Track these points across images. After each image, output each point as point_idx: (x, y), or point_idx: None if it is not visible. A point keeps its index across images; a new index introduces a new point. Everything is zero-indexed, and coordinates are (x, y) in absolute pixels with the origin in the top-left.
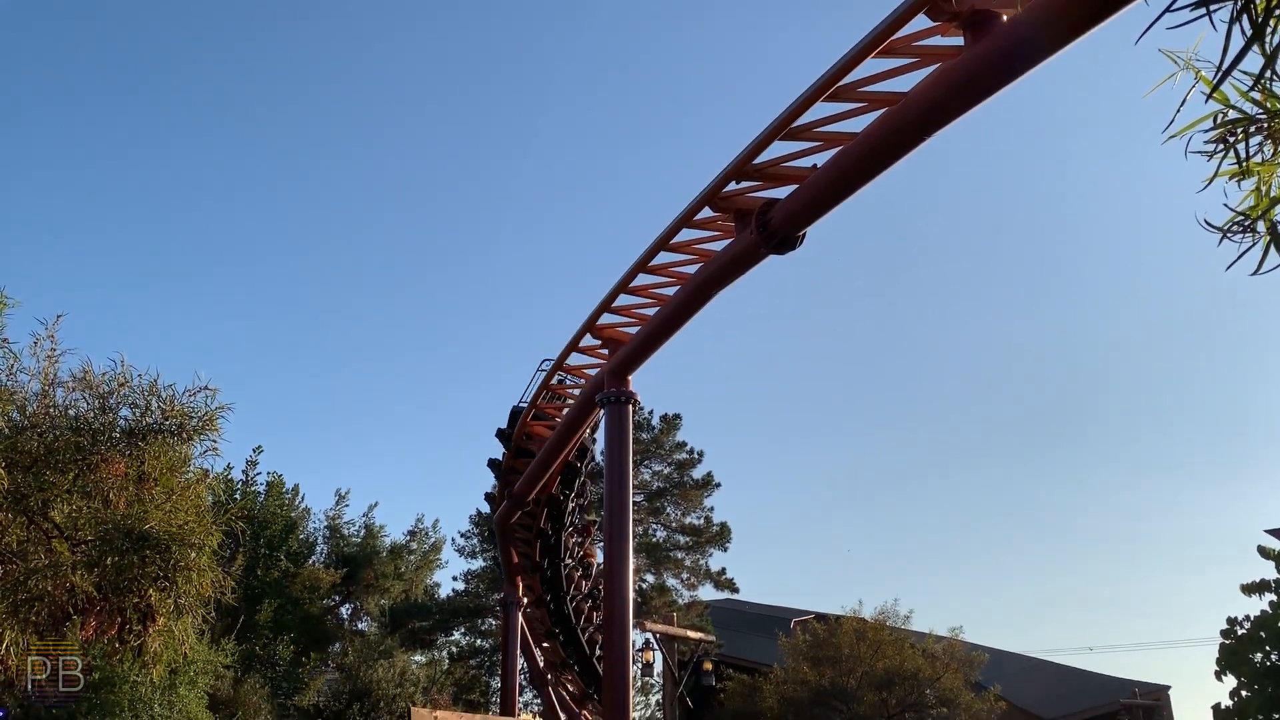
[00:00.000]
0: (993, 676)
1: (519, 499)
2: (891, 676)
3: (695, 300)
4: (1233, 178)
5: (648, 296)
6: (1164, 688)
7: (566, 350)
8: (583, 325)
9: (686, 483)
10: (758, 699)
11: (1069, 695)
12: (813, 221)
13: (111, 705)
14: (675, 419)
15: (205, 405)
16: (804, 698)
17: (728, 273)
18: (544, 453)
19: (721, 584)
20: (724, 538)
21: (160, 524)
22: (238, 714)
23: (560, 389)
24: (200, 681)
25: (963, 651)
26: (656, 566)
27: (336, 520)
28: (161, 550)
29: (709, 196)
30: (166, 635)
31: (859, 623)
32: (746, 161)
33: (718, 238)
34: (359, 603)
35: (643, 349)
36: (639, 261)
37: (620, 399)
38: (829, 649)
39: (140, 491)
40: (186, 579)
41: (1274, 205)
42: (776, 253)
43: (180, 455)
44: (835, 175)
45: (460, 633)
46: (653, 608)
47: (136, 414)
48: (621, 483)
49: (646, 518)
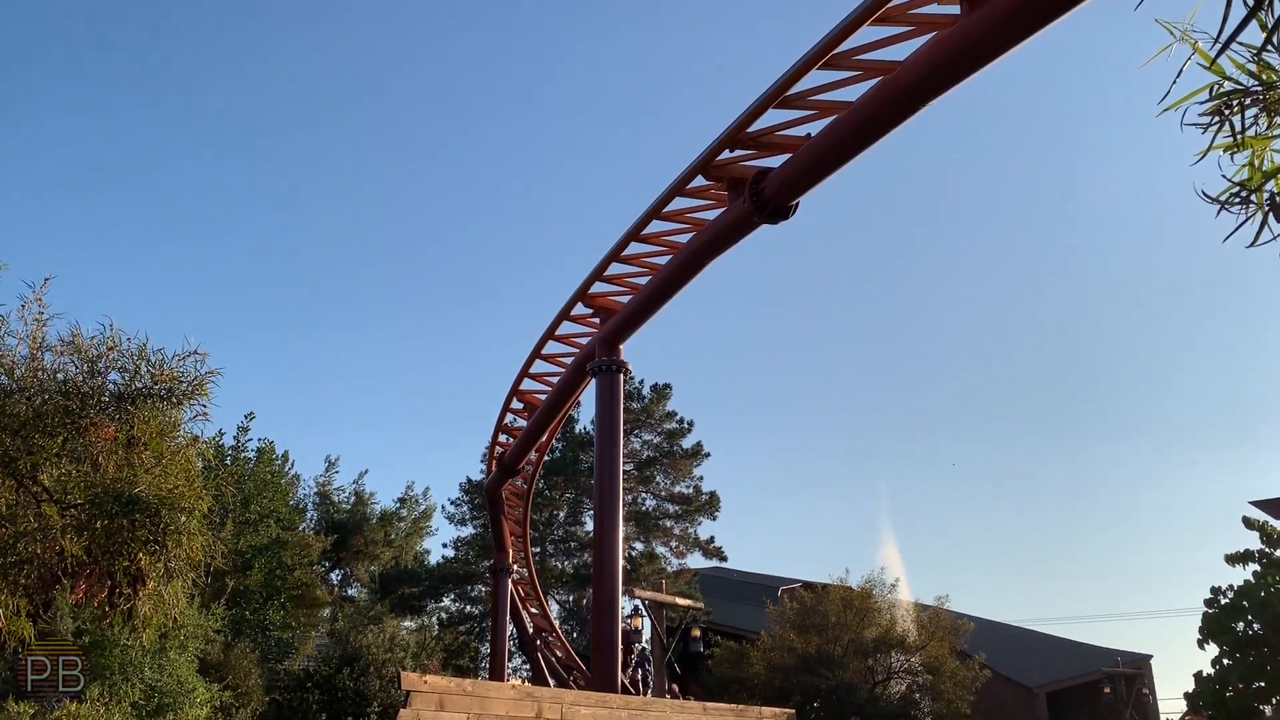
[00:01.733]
0: (978, 645)
1: (509, 467)
2: (877, 644)
3: (687, 269)
4: (1227, 150)
5: (640, 265)
6: (1146, 657)
7: (558, 318)
8: (574, 293)
9: (676, 452)
10: (745, 665)
11: (1053, 664)
12: (806, 191)
13: (102, 668)
14: (665, 389)
15: (195, 370)
16: (790, 664)
17: (720, 242)
18: (534, 421)
19: (710, 552)
20: (713, 507)
21: (150, 488)
22: (228, 678)
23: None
24: (190, 645)
25: (948, 620)
26: (645, 535)
27: (326, 487)
28: (151, 514)
29: (702, 165)
30: (156, 599)
31: (846, 591)
32: (740, 129)
33: (710, 206)
34: (349, 569)
35: (634, 318)
36: (631, 230)
37: (611, 368)
38: (816, 617)
39: (130, 456)
40: (177, 543)
41: (1268, 179)
42: (769, 222)
43: (170, 420)
44: (829, 144)
45: (450, 599)
46: (642, 575)
47: (126, 378)
48: (612, 451)
49: (636, 486)
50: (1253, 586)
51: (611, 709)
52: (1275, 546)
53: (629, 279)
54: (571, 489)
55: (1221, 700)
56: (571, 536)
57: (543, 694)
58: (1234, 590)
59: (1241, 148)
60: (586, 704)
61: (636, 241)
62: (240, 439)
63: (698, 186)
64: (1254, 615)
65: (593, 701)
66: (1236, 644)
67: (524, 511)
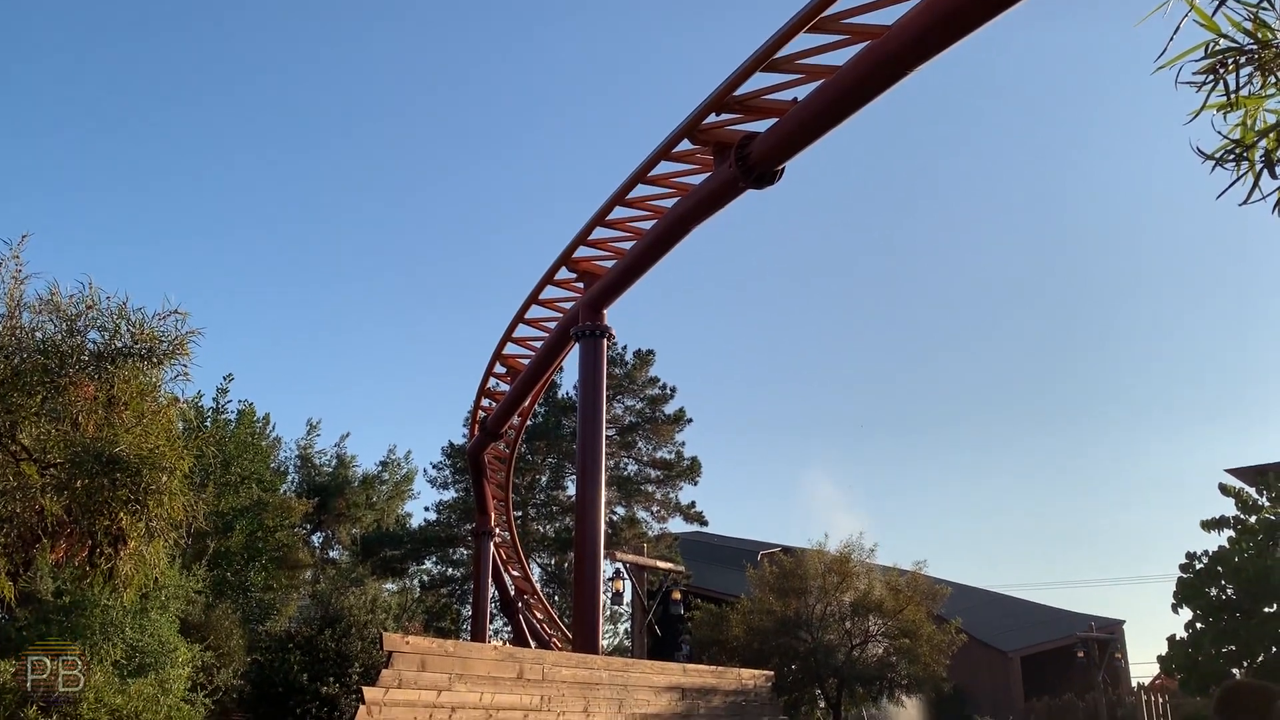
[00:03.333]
0: (955, 610)
1: (492, 431)
2: (855, 608)
3: (672, 234)
4: (1220, 110)
5: (625, 230)
6: (1119, 622)
7: (541, 283)
8: (558, 258)
9: (658, 418)
10: (724, 628)
11: (1028, 628)
12: (792, 156)
13: (82, 628)
14: (649, 354)
15: (176, 329)
16: (769, 627)
17: (705, 207)
18: (517, 386)
19: (691, 517)
20: (694, 472)
21: (131, 448)
22: (209, 638)
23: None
24: (172, 606)
25: (926, 585)
26: (627, 499)
27: (308, 450)
28: (132, 474)
29: (688, 128)
30: (138, 559)
31: (825, 555)
32: (727, 93)
33: (696, 171)
34: (331, 531)
35: (619, 283)
36: (616, 194)
37: (595, 332)
38: (795, 581)
39: (110, 415)
40: (158, 503)
41: (1261, 139)
42: (755, 187)
43: (150, 380)
44: (816, 109)
45: (432, 562)
46: (623, 539)
47: (105, 337)
48: (595, 416)
49: (618, 451)
50: (1227, 552)
51: (592, 669)
52: (1250, 513)
53: (613, 244)
54: (554, 454)
55: (1194, 663)
56: (553, 501)
57: (524, 655)
58: (1209, 556)
59: (1235, 107)
60: (568, 665)
61: (621, 206)
62: (220, 400)
63: (683, 151)
64: (1228, 580)
65: (574, 662)
66: (1210, 608)
67: (506, 475)
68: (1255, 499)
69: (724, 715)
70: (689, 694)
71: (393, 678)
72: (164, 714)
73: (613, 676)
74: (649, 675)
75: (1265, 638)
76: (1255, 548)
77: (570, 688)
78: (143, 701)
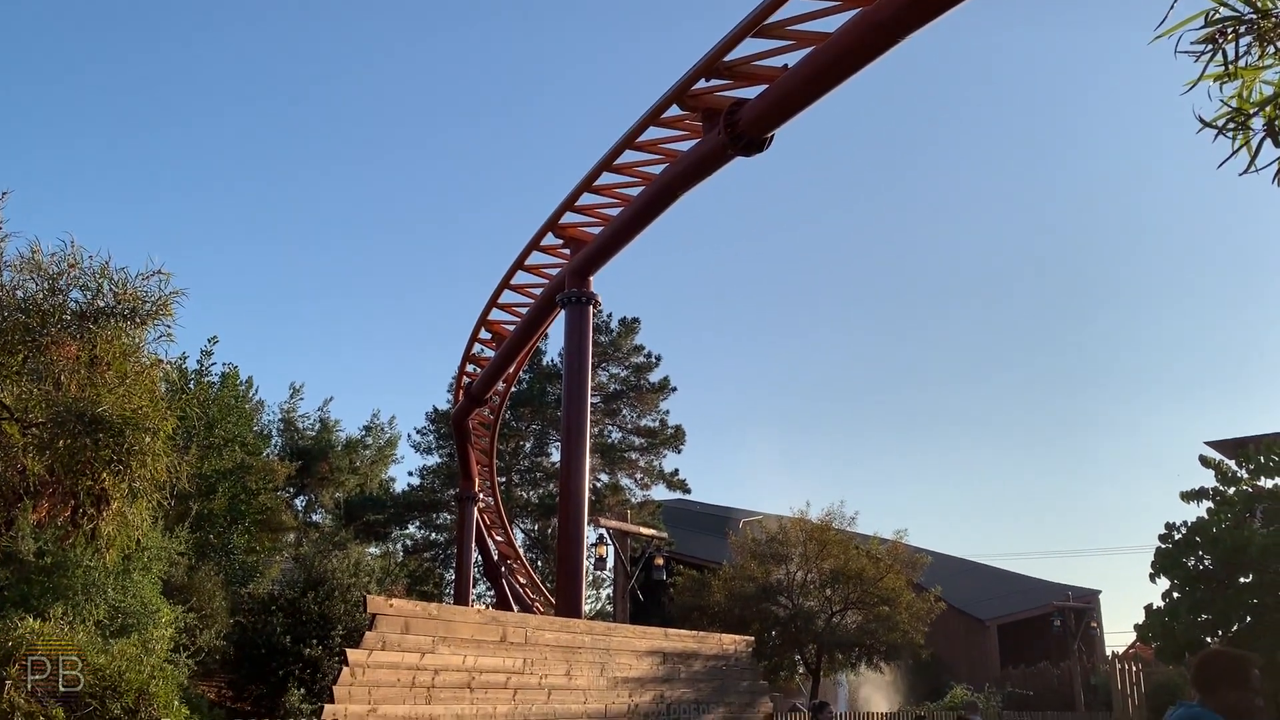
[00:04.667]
0: (934, 578)
1: (477, 397)
2: (836, 575)
3: (659, 201)
4: (1217, 80)
5: (612, 196)
6: (1095, 592)
7: (528, 248)
8: (545, 223)
9: (643, 386)
10: (706, 594)
11: (1006, 597)
12: (781, 123)
13: (64, 589)
14: (634, 323)
15: (159, 290)
16: (751, 593)
17: (693, 174)
18: (502, 352)
19: (674, 485)
20: (678, 440)
21: (113, 408)
22: (192, 600)
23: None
24: (154, 568)
25: (906, 553)
26: (611, 467)
27: (291, 414)
28: (115, 434)
29: (677, 94)
30: (121, 520)
31: (806, 524)
32: (717, 59)
33: (685, 138)
34: (314, 495)
35: (605, 249)
36: (604, 160)
37: (581, 299)
38: (776, 548)
39: (92, 375)
40: (141, 463)
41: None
42: (744, 155)
43: (133, 340)
44: (806, 76)
45: (415, 526)
46: (606, 506)
47: (87, 297)
48: (580, 383)
49: (602, 419)
50: (1206, 523)
51: (575, 633)
52: (1229, 485)
53: (600, 210)
54: (538, 420)
55: (1170, 632)
56: (537, 467)
57: (507, 618)
58: (1187, 527)
59: (1232, 77)
60: (550, 628)
61: (609, 172)
62: (204, 363)
63: (672, 116)
64: (1205, 550)
65: (557, 626)
66: (1187, 578)
67: (490, 441)
68: (1234, 471)
69: (705, 679)
70: (670, 658)
71: (376, 640)
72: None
73: (595, 640)
74: (631, 639)
75: (1240, 607)
76: (1233, 519)
77: (553, 651)
78: (126, 661)
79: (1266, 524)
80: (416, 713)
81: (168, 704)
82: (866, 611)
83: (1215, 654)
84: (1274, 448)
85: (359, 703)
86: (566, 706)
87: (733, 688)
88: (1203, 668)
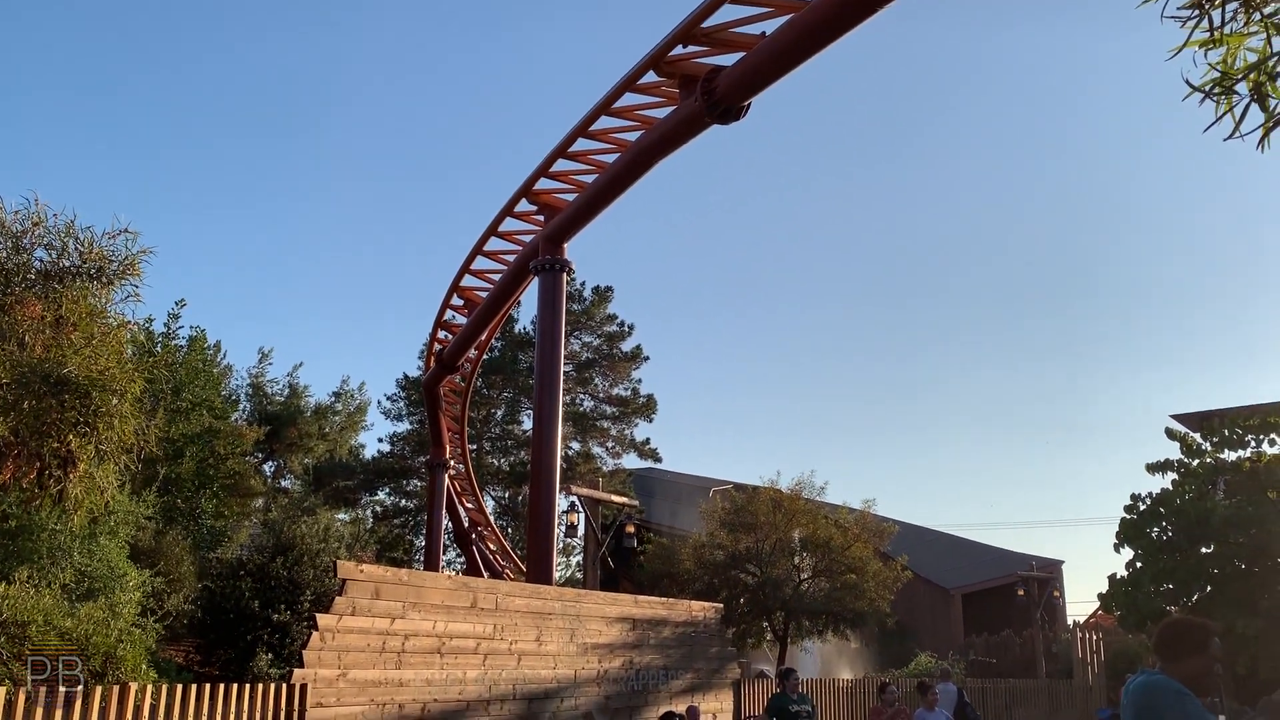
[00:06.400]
0: (901, 548)
1: (448, 364)
2: (805, 544)
3: (635, 168)
4: (1203, 46)
5: (587, 163)
6: (1058, 562)
7: (501, 214)
8: (518, 189)
9: (615, 355)
10: (676, 561)
11: (970, 567)
12: (758, 91)
13: (29, 553)
14: (607, 291)
15: (126, 249)
16: (720, 561)
17: (669, 141)
18: (475, 318)
19: (645, 454)
20: (650, 409)
21: (79, 369)
22: (160, 564)
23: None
24: (121, 532)
25: (874, 523)
26: (583, 435)
27: (260, 379)
28: (81, 395)
29: (654, 60)
30: (88, 482)
31: (776, 493)
32: (694, 25)
33: (661, 104)
34: (283, 461)
35: (579, 216)
36: (579, 125)
37: (554, 266)
38: (746, 516)
39: (58, 336)
40: (107, 425)
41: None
42: (720, 122)
43: (100, 300)
44: (784, 44)
45: (385, 493)
46: (578, 474)
47: (52, 256)
48: (553, 350)
49: (575, 388)
50: (1170, 494)
51: (545, 599)
52: (1194, 457)
53: (575, 176)
54: (510, 388)
55: (1133, 600)
56: (509, 435)
57: (478, 584)
58: (1152, 497)
59: (1218, 44)
60: (521, 595)
61: (584, 138)
62: (171, 326)
63: (649, 83)
64: (1169, 520)
65: (527, 592)
66: (1150, 548)
67: (462, 408)
68: (1199, 443)
69: (674, 646)
70: (640, 624)
71: (346, 605)
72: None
73: (565, 607)
74: (601, 606)
75: (1202, 576)
76: (1196, 490)
77: (523, 617)
78: (92, 625)
79: (1229, 495)
80: (386, 677)
81: (135, 667)
82: (834, 579)
83: (1176, 622)
84: (1237, 421)
85: (329, 667)
86: (536, 672)
87: (701, 654)
88: (1163, 635)
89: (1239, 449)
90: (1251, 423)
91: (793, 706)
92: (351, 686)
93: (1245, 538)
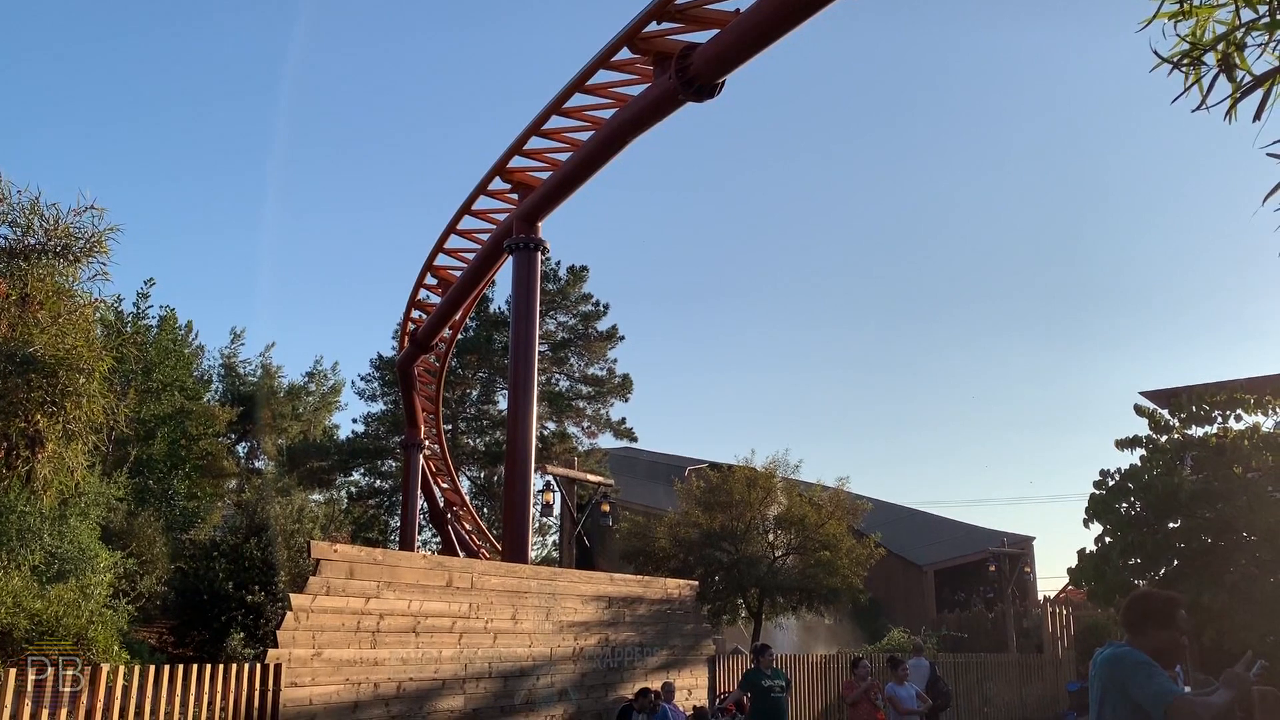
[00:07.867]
0: (874, 525)
1: (422, 344)
2: (779, 521)
3: (609, 146)
4: (1172, 19)
5: (561, 141)
6: (1029, 538)
7: (475, 193)
8: (492, 167)
9: (591, 334)
10: (651, 540)
11: (943, 544)
12: (733, 69)
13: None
14: (582, 271)
15: (93, 226)
16: (695, 539)
17: (644, 119)
18: (449, 298)
19: (621, 433)
20: (625, 389)
21: (46, 348)
22: (131, 545)
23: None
24: (92, 513)
25: (847, 500)
26: (558, 415)
27: (232, 359)
28: (48, 374)
29: (628, 36)
30: (56, 462)
31: (750, 471)
32: (669, 1)
33: (635, 82)
34: (256, 441)
35: (554, 195)
36: (553, 103)
37: (529, 245)
38: (721, 495)
39: (24, 314)
40: (76, 405)
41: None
42: (695, 100)
43: (67, 278)
44: (759, 21)
45: (360, 473)
46: (553, 454)
47: (17, 233)
48: (528, 330)
49: (550, 367)
50: (1138, 469)
51: (521, 578)
52: (1162, 433)
53: (549, 154)
54: (485, 368)
55: (1102, 574)
56: (484, 415)
57: (453, 563)
58: (1121, 473)
59: (1187, 16)
60: (496, 573)
61: (558, 115)
62: (140, 306)
63: (623, 60)
64: (1137, 496)
65: (502, 571)
66: (1119, 522)
67: (436, 389)
68: (1167, 420)
69: (649, 623)
70: (615, 602)
71: (320, 585)
72: (85, 619)
73: (541, 585)
74: (576, 584)
75: (1169, 550)
76: (1164, 466)
77: (499, 596)
78: (63, 606)
79: (1196, 471)
80: (361, 656)
81: (107, 649)
82: (808, 557)
83: (1143, 595)
84: (1205, 398)
85: (303, 647)
86: (512, 650)
87: (677, 631)
88: (1131, 608)
89: (1206, 425)
90: (1219, 399)
91: (766, 681)
92: (326, 666)
93: (1212, 512)
